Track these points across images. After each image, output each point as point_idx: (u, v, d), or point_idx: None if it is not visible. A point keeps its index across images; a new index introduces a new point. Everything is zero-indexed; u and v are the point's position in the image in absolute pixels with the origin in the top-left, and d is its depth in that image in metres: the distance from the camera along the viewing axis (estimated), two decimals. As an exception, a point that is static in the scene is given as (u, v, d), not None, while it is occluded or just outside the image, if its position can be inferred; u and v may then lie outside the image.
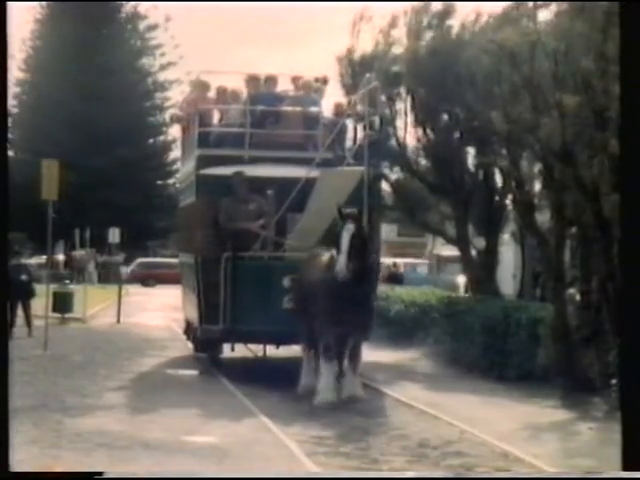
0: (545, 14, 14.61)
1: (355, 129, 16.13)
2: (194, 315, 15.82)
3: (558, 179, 14.15)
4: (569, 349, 13.75)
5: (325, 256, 12.96)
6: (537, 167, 16.32)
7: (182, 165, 19.02)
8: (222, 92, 16.33)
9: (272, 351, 16.06)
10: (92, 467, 8.51)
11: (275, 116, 15.75)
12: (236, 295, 14.49)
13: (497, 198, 19.23)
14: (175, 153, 60.41)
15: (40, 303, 20.06)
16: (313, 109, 15.84)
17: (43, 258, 39.39)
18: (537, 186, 16.99)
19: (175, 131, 61.53)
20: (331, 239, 12.68)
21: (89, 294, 26.82)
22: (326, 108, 16.17)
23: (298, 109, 15.82)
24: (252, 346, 15.97)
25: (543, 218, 16.22)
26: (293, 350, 15.13)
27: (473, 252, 19.96)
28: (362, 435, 10.48)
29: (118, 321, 25.07)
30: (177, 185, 60.22)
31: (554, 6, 14.52)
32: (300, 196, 14.59)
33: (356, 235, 12.18)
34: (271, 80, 16.26)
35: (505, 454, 9.70)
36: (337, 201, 12.96)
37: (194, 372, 15.45)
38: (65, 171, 19.62)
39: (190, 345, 17.56)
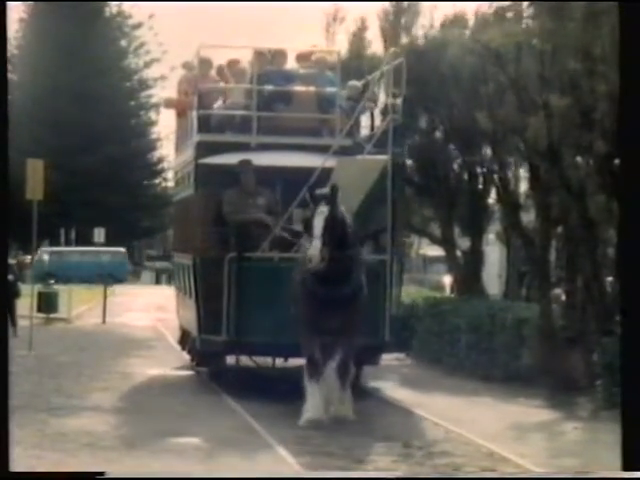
0: (530, 13, 14.59)
1: (372, 113, 14.32)
2: (192, 324, 14.01)
3: (544, 179, 14.18)
4: (554, 349, 13.77)
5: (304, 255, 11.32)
6: (523, 167, 16.34)
7: (177, 154, 16.77)
8: (224, 71, 14.52)
9: (279, 362, 14.71)
10: (76, 467, 8.48)
11: (285, 97, 13.89)
12: (241, 301, 12.76)
13: (482, 198, 19.25)
14: (160, 152, 60.52)
15: (25, 303, 19.97)
16: (329, 89, 13.93)
17: (28, 258, 39.30)
18: (523, 186, 17.02)
19: (162, 129, 61.56)
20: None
21: (74, 294, 26.73)
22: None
23: (312, 89, 13.94)
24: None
25: (529, 218, 16.25)
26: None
27: (458, 252, 19.98)
28: (347, 435, 10.43)
29: (103, 321, 25.00)
30: (163, 184, 60.69)
31: (539, 6, 14.53)
32: (312, 189, 12.50)
33: (331, 219, 10.57)
34: (280, 55, 14.29)
35: (491, 454, 9.69)
36: (357, 194, 11.64)
37: (180, 372, 15.39)
38: (50, 171, 19.56)
39: (186, 355, 16.00)
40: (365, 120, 14.43)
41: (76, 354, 17.54)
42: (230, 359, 13.97)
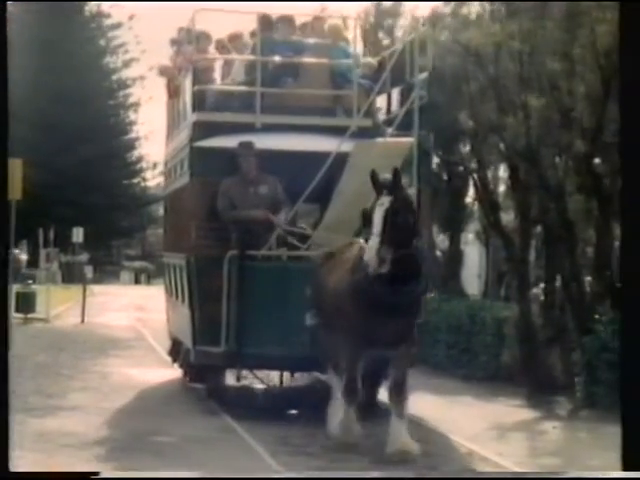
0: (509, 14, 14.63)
1: (388, 94, 12.72)
2: (185, 333, 12.31)
3: (523, 179, 14.22)
4: (533, 348, 13.83)
5: (353, 248, 9.53)
6: (502, 167, 16.40)
7: (168, 142, 14.67)
8: (222, 47, 12.82)
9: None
10: (55, 467, 8.45)
11: (294, 70, 12.06)
12: (244, 307, 10.95)
13: (461, 198, 19.29)
14: (140, 151, 60.39)
15: (3, 303, 19.86)
16: (344, 62, 12.14)
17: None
18: (502, 186, 17.08)
19: (141, 129, 61.39)
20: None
21: (53, 294, 26.62)
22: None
23: (324, 61, 12.17)
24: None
25: (508, 218, 16.30)
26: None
27: (438, 252, 20.01)
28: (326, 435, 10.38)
29: (82, 321, 24.92)
30: (142, 184, 60.51)
31: (518, 6, 14.58)
32: (326, 176, 11.02)
33: (392, 211, 8.70)
34: (286, 23, 12.38)
35: (470, 453, 9.71)
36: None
37: (158, 371, 15.33)
38: (29, 170, 19.46)
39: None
40: (380, 102, 12.73)
41: (55, 354, 17.46)
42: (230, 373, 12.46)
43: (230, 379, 12.31)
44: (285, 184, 11.42)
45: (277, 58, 12.00)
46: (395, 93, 12.67)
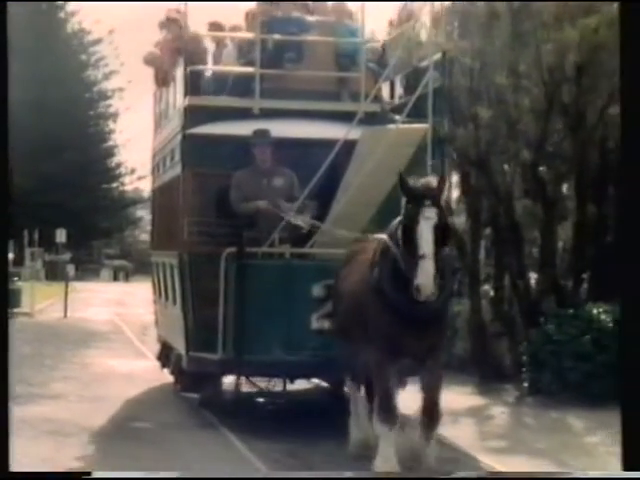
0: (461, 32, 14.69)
1: (392, 81, 11.19)
2: (177, 338, 10.71)
3: (474, 185, 14.29)
4: (484, 341, 13.89)
5: (371, 245, 7.98)
6: (454, 174, 16.46)
7: (156, 131, 12.90)
8: (218, 30, 11.25)
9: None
10: (39, 453, 8.39)
11: (296, 50, 10.38)
12: (242, 309, 9.28)
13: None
14: (119, 158, 60.17)
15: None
16: (350, 41, 10.61)
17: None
18: (454, 191, 17.13)
19: (119, 137, 60.98)
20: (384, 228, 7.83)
21: (37, 290, 26.43)
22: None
23: (329, 40, 10.59)
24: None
25: (460, 220, 16.36)
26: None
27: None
28: (290, 424, 10.19)
29: (65, 316, 24.75)
30: (120, 188, 60.19)
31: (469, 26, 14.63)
32: (326, 169, 9.40)
33: (440, 227, 7.07)
34: (286, 2, 10.73)
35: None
36: (388, 174, 8.47)
37: (136, 361, 15.26)
38: (15, 176, 19.37)
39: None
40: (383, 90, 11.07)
41: (38, 346, 17.33)
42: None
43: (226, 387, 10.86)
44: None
45: (277, 36, 10.38)
46: (398, 80, 11.29)
